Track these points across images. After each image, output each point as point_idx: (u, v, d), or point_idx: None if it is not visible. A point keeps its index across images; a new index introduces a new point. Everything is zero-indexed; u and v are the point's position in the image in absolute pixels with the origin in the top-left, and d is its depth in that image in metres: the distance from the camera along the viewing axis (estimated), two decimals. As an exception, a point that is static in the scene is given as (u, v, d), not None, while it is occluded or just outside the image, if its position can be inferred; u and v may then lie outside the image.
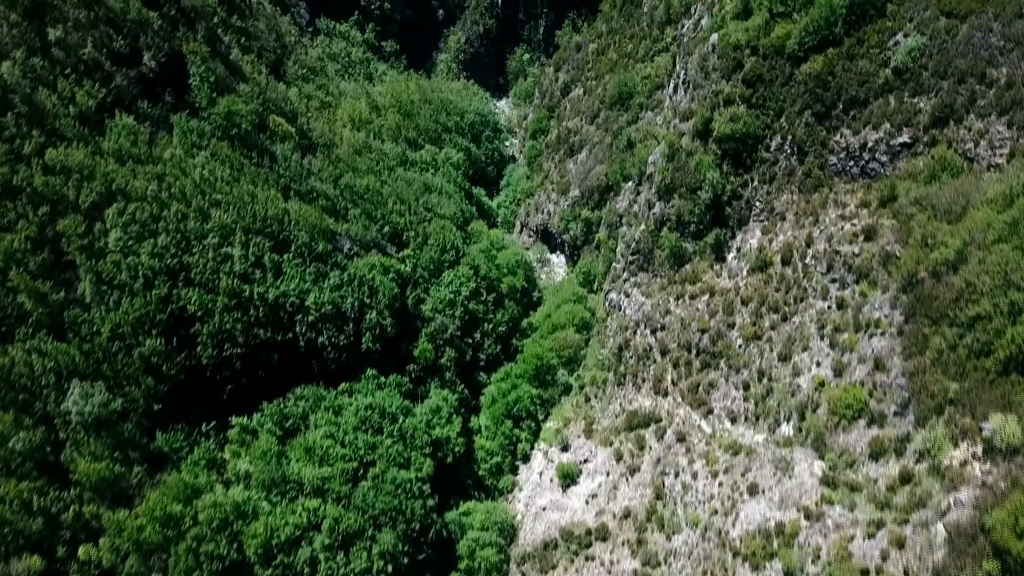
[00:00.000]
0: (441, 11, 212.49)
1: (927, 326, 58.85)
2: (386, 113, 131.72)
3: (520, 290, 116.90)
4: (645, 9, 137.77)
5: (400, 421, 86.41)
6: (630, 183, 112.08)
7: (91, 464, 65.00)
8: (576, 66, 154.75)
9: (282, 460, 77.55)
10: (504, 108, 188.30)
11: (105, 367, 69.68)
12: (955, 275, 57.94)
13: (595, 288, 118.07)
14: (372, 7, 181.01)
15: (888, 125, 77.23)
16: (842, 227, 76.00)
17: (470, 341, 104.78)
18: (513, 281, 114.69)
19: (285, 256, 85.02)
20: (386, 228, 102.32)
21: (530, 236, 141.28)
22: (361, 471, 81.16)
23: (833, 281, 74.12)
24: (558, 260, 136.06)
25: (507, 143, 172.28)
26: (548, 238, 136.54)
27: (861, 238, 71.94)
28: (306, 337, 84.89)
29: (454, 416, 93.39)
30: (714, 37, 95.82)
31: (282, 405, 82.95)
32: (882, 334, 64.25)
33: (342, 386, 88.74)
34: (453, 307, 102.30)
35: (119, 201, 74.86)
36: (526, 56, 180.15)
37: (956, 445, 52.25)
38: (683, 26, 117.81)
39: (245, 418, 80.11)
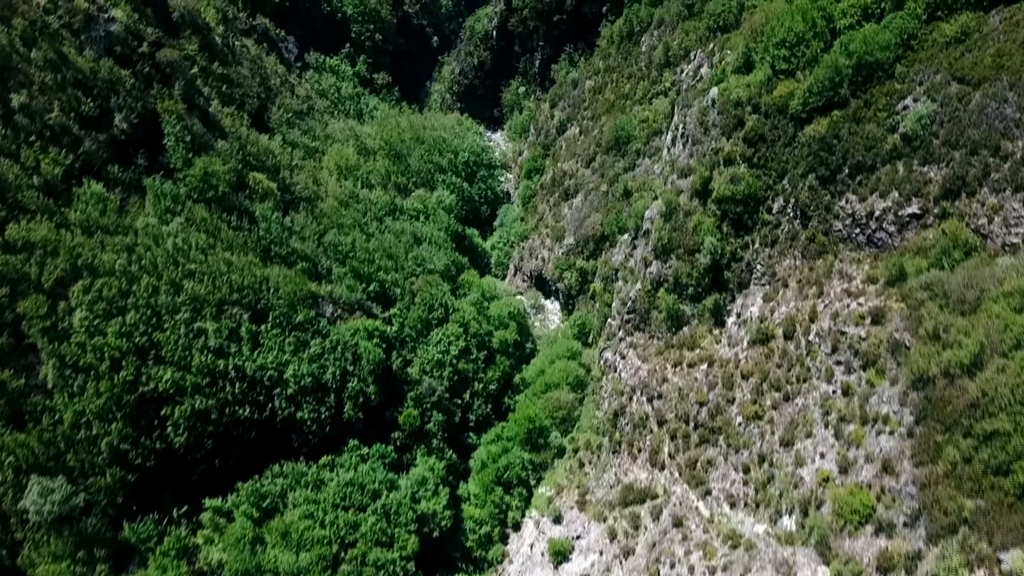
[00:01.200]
0: (435, 38, 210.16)
1: (939, 432, 55.60)
2: (375, 158, 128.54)
3: (512, 343, 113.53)
4: (643, 49, 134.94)
5: (384, 496, 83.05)
6: (626, 236, 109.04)
7: (50, 566, 61.68)
8: (572, 104, 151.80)
9: (257, 547, 74.10)
10: (499, 140, 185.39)
11: (69, 457, 66.37)
12: (970, 380, 54.69)
13: (590, 341, 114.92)
14: (363, 39, 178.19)
15: (896, 194, 74.06)
16: (848, 305, 72.77)
17: (459, 402, 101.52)
18: (505, 335, 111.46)
19: (263, 327, 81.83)
20: (373, 286, 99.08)
21: (524, 281, 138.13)
22: (342, 553, 77.86)
23: (838, 363, 70.84)
24: (552, 307, 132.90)
25: (501, 178, 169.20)
26: (542, 284, 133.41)
27: (868, 321, 68.66)
28: (285, 412, 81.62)
29: (441, 487, 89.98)
30: (714, 91, 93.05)
31: (259, 484, 79.62)
32: (891, 433, 60.96)
33: (323, 459, 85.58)
34: (441, 368, 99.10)
35: (85, 277, 71.62)
36: (521, 89, 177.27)
37: (972, 572, 48.97)
38: (682, 71, 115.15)
39: (219, 500, 76.74)
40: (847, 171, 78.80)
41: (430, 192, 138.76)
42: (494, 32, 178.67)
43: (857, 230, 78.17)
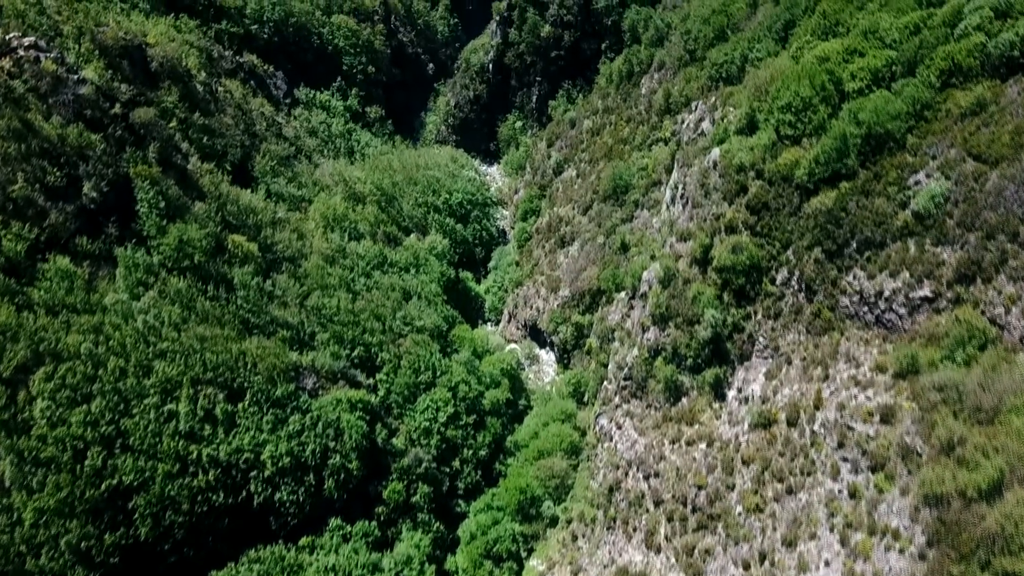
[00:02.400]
0: (431, 65, 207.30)
1: (954, 561, 52.12)
2: (365, 204, 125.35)
3: (505, 402, 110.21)
4: (643, 91, 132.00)
5: (367, 582, 79.70)
6: (623, 294, 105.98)
7: None
8: (570, 144, 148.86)
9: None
10: (495, 175, 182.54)
11: (29, 562, 62.76)
12: (988, 507, 51.21)
13: (585, 400, 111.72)
14: (355, 71, 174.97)
15: (907, 274, 70.61)
16: (855, 396, 69.36)
17: (447, 470, 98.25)
18: (497, 395, 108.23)
19: (240, 405, 78.59)
20: (357, 350, 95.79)
21: (518, 329, 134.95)
22: (321, 647, 74.49)
23: (844, 460, 67.44)
24: (548, 357, 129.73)
25: (497, 215, 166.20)
26: (537, 334, 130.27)
27: (877, 419, 65.28)
28: (262, 496, 78.13)
29: (427, 565, 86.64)
30: (715, 152, 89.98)
31: (234, 571, 76.04)
32: (901, 551, 57.50)
33: (303, 540, 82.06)
34: (429, 436, 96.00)
35: (48, 363, 68.35)
36: (518, 124, 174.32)
37: None
38: (683, 121, 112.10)
39: (191, 593, 73.31)
40: (855, 246, 75.45)
41: (423, 236, 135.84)
42: (490, 65, 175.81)
43: (865, 308, 74.75)
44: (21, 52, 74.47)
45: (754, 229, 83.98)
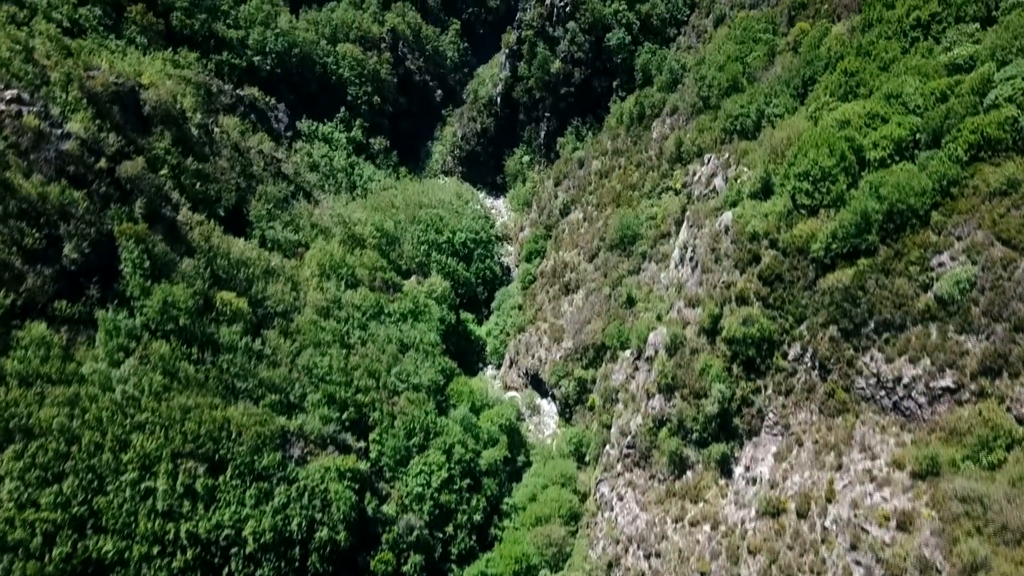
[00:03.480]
0: (439, 91, 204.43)
1: None
2: (364, 247, 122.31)
3: (503, 460, 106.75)
4: (654, 135, 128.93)
5: (351, 666, 76.23)
6: (628, 352, 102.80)
7: None
8: (577, 185, 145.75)
9: None
10: (501, 208, 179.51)
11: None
12: (1016, 647, 47.76)
13: (586, 460, 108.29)
14: (360, 102, 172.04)
15: (928, 361, 67.29)
16: (870, 494, 66.01)
17: (440, 535, 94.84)
18: (494, 454, 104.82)
19: (221, 478, 75.19)
20: (349, 411, 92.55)
21: (520, 377, 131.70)
22: None
23: (857, 563, 64.15)
24: (549, 408, 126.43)
25: (501, 250, 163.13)
26: (539, 384, 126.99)
27: (893, 523, 61.94)
28: (242, 573, 74.66)
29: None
30: (728, 216, 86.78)
31: (211, 653, 72.73)
32: None
33: (285, 617, 78.53)
34: (421, 502, 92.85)
35: (18, 441, 65.10)
36: (526, 158, 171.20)
37: None
38: (694, 174, 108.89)
39: (164, 678, 69.83)
40: (873, 326, 72.17)
41: (423, 278, 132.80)
42: (498, 99, 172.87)
43: (882, 392, 71.43)
44: (2, 107, 71.56)
45: (766, 301, 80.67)
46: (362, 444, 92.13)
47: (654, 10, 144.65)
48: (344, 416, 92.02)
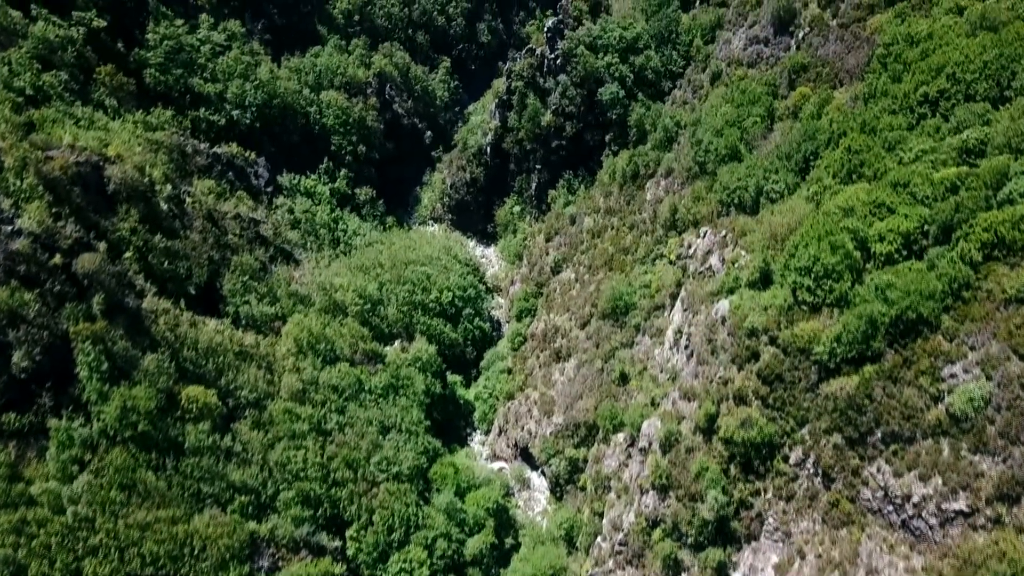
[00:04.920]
0: (429, 132, 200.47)
1: None
2: (345, 316, 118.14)
3: (490, 546, 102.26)
4: (648, 197, 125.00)
5: None
6: (621, 436, 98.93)
7: None
8: (569, 242, 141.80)
9: None
10: (491, 256, 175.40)
11: None
12: None
13: (577, 546, 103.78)
14: (344, 152, 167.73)
15: (940, 481, 63.32)
16: (880, 628, 61.56)
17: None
18: (480, 541, 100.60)
19: (182, 599, 70.56)
20: (325, 506, 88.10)
21: (509, 447, 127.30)
22: None
23: None
24: (539, 483, 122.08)
25: (492, 303, 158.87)
26: (529, 457, 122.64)
27: (906, 673, 57.43)
28: None
29: None
30: (725, 305, 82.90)
31: None
32: None
33: None
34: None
35: (-45, 577, 60.67)
36: (517, 208, 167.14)
37: None
38: (690, 246, 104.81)
39: None
40: (880, 436, 68.31)
41: (408, 342, 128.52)
42: (488, 148, 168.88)
43: (890, 508, 67.48)
44: (-54, 206, 67.53)
45: (765, 400, 76.78)
46: (338, 543, 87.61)
47: (648, 63, 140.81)
48: (319, 513, 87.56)
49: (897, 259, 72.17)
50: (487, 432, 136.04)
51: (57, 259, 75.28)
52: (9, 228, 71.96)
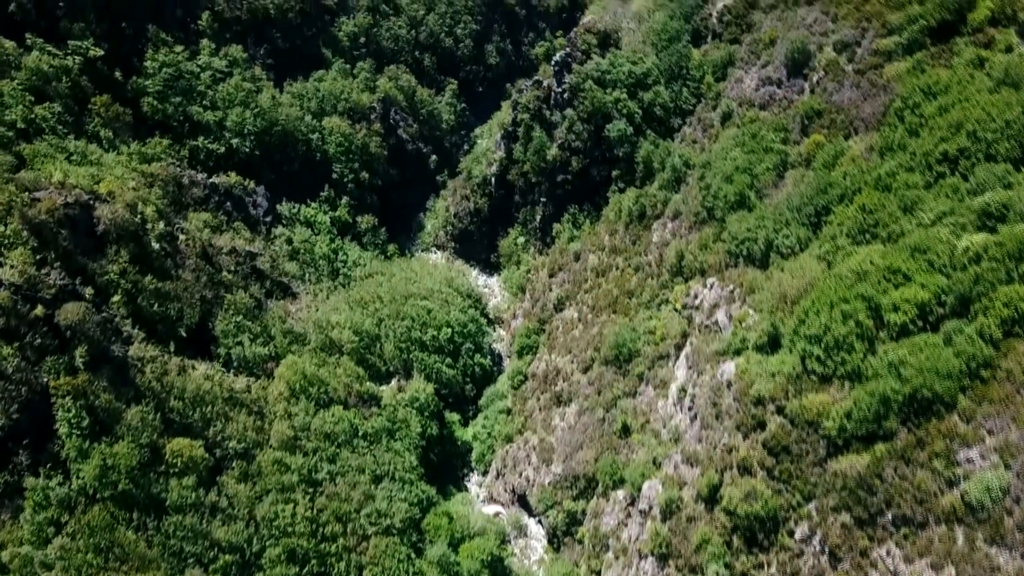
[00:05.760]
0: (434, 156, 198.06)
1: None
2: (341, 355, 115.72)
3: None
4: (654, 239, 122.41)
5: None
6: (620, 493, 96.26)
7: None
8: (572, 279, 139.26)
9: None
10: (494, 286, 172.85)
11: None
12: None
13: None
14: (346, 179, 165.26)
15: (953, 571, 61.02)
16: None
17: None
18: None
19: (156, 676, 67.86)
20: (312, 563, 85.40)
21: (506, 492, 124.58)
22: None
23: None
24: (536, 531, 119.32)
25: (493, 335, 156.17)
26: (526, 504, 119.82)
27: None
28: None
29: None
30: (731, 368, 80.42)
31: None
32: None
33: None
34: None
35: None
36: (521, 240, 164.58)
37: None
38: (696, 296, 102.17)
39: None
40: (890, 518, 65.85)
41: (405, 380, 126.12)
42: (492, 179, 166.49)
43: (902, 594, 64.31)
44: (-80, 261, 65.14)
45: (771, 472, 74.38)
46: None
47: (657, 99, 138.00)
48: (305, 571, 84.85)
49: (912, 330, 69.66)
50: (484, 473, 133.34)
51: (39, 310, 72.72)
52: (-11, 280, 69.69)
